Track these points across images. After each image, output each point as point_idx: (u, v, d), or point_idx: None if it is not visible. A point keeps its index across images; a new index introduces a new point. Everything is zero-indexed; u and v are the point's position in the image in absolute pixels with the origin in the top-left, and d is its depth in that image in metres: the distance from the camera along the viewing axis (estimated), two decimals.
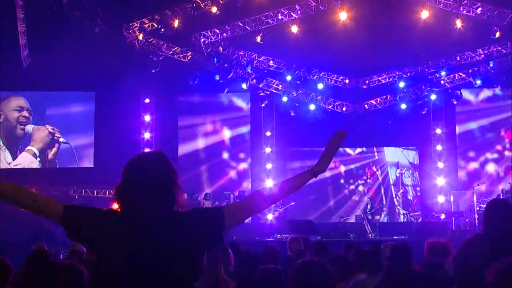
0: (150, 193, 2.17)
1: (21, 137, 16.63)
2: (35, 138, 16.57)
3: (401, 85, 16.77)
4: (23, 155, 16.48)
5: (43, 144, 16.60)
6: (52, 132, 16.66)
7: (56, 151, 16.65)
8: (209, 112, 17.74)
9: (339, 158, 17.68)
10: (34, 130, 16.58)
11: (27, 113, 16.67)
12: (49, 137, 16.63)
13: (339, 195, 17.62)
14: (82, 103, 17.17)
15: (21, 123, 16.57)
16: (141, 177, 2.22)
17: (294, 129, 17.36)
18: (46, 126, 16.67)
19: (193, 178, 17.19)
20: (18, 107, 16.65)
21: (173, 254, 2.11)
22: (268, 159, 17.63)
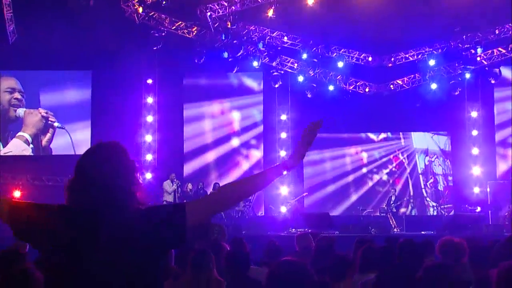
0: (105, 190, 2.17)
1: (13, 121, 16.37)
2: (27, 122, 16.27)
3: (431, 63, 16.47)
4: (14, 141, 16.20)
5: (36, 130, 16.30)
6: (46, 116, 16.34)
7: (51, 136, 16.35)
8: (217, 94, 17.58)
9: (361, 145, 17.63)
10: (25, 114, 16.27)
11: (19, 95, 16.37)
12: (43, 122, 16.34)
13: (361, 186, 17.48)
14: (78, 84, 16.90)
15: (14, 106, 16.29)
16: (95, 172, 2.20)
17: (311, 113, 16.63)
18: (39, 109, 16.36)
19: (200, 166, 17.02)
20: (9, 89, 16.34)
21: (130, 254, 2.11)
22: (283, 145, 17.47)
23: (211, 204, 2.28)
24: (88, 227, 2.14)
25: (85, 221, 2.15)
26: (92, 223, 2.14)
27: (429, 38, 16.46)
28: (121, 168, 2.21)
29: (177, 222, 2.17)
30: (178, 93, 17.43)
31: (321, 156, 17.48)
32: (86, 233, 2.13)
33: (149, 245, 2.15)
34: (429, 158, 17.37)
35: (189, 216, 2.18)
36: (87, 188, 2.18)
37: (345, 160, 17.58)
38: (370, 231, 13.21)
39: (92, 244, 2.12)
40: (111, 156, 2.22)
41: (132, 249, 2.13)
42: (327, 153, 17.50)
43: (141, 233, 2.14)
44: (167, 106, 17.42)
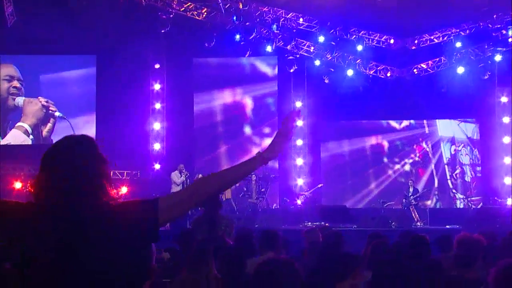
0: (73, 185, 2.18)
1: (11, 110, 16.28)
2: (27, 112, 16.17)
3: (458, 45, 16.25)
4: (13, 132, 16.12)
5: (36, 119, 16.20)
6: (46, 105, 16.22)
7: (52, 127, 16.24)
8: (228, 80, 17.46)
9: (382, 133, 17.55)
10: (25, 103, 16.15)
11: (18, 83, 16.25)
12: (43, 111, 16.23)
13: (381, 176, 17.43)
14: (81, 69, 16.78)
15: (13, 95, 16.17)
16: (63, 167, 2.19)
17: (329, 99, 17.16)
18: (39, 98, 16.25)
19: (210, 156, 16.93)
20: (8, 76, 16.22)
21: (100, 253, 2.13)
22: (299, 134, 17.34)
23: (185, 199, 2.27)
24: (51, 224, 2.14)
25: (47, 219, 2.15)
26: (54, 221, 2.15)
27: (456, 18, 16.18)
28: (87, 161, 2.22)
29: (149, 219, 2.18)
30: (187, 78, 17.31)
31: (339, 145, 17.44)
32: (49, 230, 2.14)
33: (118, 243, 2.16)
34: (456, 147, 17.27)
35: (162, 212, 2.19)
36: (51, 183, 2.18)
37: (364, 150, 17.53)
38: (391, 225, 13.04)
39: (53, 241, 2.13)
40: (75, 149, 2.23)
41: (99, 248, 2.14)
42: (345, 142, 17.48)
43: (110, 230, 2.16)
44: (176, 92, 17.33)
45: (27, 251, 2.14)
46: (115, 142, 16.05)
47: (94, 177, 2.21)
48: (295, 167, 17.26)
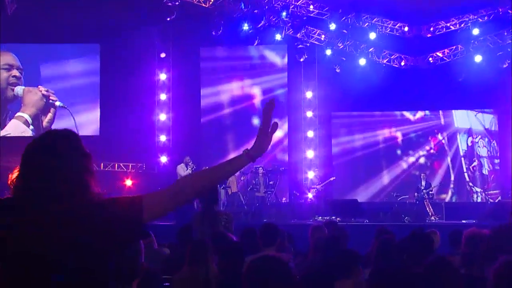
0: (55, 181, 2.18)
1: (10, 100, 16.23)
2: (26, 102, 16.09)
3: (476, 32, 16.08)
4: (12, 122, 16.07)
5: (36, 109, 16.13)
6: (46, 94, 16.14)
7: (52, 117, 16.16)
8: (236, 69, 17.38)
9: (395, 125, 17.47)
10: (24, 92, 16.08)
11: (18, 72, 16.17)
12: (43, 101, 16.15)
13: (395, 169, 17.37)
14: (84, 58, 16.68)
15: (12, 85, 16.10)
16: (43, 163, 2.20)
17: (341, 89, 17.05)
18: (39, 87, 16.17)
19: (217, 148, 16.86)
20: (7, 65, 16.12)
21: (81, 251, 2.15)
22: (309, 125, 17.41)
23: (170, 197, 2.26)
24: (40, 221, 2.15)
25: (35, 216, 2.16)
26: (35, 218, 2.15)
27: (473, 4, 16.07)
28: (70, 157, 2.22)
29: (132, 216, 2.19)
30: (194, 68, 17.25)
31: (350, 137, 17.40)
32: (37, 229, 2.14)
33: (101, 240, 2.17)
34: (473, 138, 17.17)
35: (146, 210, 2.20)
36: (30, 180, 2.19)
37: (377, 142, 17.44)
38: (404, 219, 12.92)
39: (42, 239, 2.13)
40: (57, 145, 2.23)
41: (80, 245, 2.15)
42: (357, 134, 17.43)
43: (92, 227, 2.16)
44: (182, 82, 17.27)
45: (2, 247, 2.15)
46: (119, 134, 16.08)
47: (77, 173, 2.21)
48: (306, 160, 17.20)
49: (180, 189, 2.26)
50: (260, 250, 5.22)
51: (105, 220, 2.17)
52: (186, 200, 2.28)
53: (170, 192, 2.27)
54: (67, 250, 2.12)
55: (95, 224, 2.15)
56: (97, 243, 2.15)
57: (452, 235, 5.65)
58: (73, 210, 2.16)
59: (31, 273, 2.13)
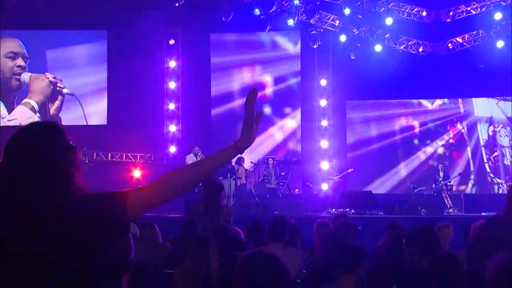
0: (38, 175, 2.19)
1: (16, 89, 16.28)
2: (33, 89, 16.13)
3: (498, 17, 15.90)
4: (19, 108, 16.13)
5: (43, 96, 16.19)
6: (54, 81, 16.18)
7: (60, 104, 16.23)
8: (247, 57, 17.33)
9: (413, 113, 17.41)
10: (31, 79, 16.12)
11: (23, 61, 16.19)
12: (50, 88, 16.20)
13: (412, 159, 17.31)
14: (90, 45, 16.70)
15: (17, 74, 16.14)
16: (25, 156, 2.21)
17: (356, 77, 16.92)
18: (46, 74, 16.21)
19: (227, 137, 16.57)
20: (11, 53, 16.16)
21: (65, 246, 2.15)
22: (323, 114, 17.38)
23: (157, 192, 2.24)
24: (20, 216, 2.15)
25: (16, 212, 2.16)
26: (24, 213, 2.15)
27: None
28: (58, 150, 2.24)
29: (117, 212, 2.19)
30: (204, 55, 17.25)
31: (366, 126, 17.36)
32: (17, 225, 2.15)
33: (85, 236, 2.17)
34: (494, 128, 17.06)
35: (132, 205, 2.20)
36: (12, 173, 2.20)
37: (394, 131, 17.41)
38: (420, 212, 12.86)
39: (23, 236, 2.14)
40: (47, 137, 2.24)
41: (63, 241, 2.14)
42: (373, 123, 17.39)
43: (76, 223, 2.16)
44: (192, 70, 17.25)
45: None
46: (127, 123, 16.11)
47: (61, 166, 2.22)
48: (319, 150, 17.13)
49: (168, 184, 2.25)
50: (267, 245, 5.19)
51: (89, 215, 2.17)
52: (174, 194, 2.26)
53: (157, 186, 2.25)
54: (50, 246, 2.12)
55: (79, 219, 2.15)
56: (81, 239, 2.15)
57: (466, 228, 5.58)
58: (57, 205, 2.16)
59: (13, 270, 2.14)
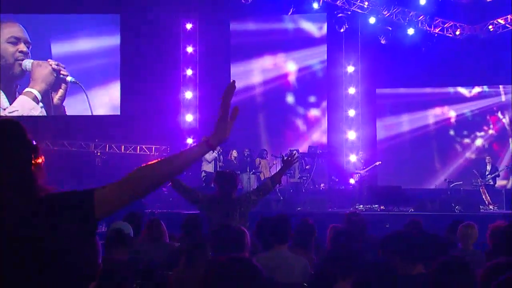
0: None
1: (19, 76, 16.31)
2: (36, 76, 16.16)
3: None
4: (21, 98, 16.19)
5: (46, 85, 16.25)
6: (57, 68, 16.22)
7: (63, 93, 16.30)
8: (269, 41, 17.37)
9: (448, 102, 17.32)
10: (33, 66, 16.13)
11: (25, 47, 16.19)
12: (53, 75, 16.25)
13: (447, 152, 17.28)
14: (102, 30, 16.75)
15: (19, 60, 16.15)
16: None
17: (386, 63, 16.89)
18: (49, 61, 16.24)
19: (248, 128, 16.79)
20: (13, 38, 16.14)
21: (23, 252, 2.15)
22: (351, 103, 17.33)
23: (125, 190, 2.24)
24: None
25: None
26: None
27: None
28: (12, 149, 2.22)
29: (84, 212, 2.20)
30: (223, 40, 17.32)
31: (397, 116, 17.32)
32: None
33: (48, 239, 2.15)
34: None
35: (98, 205, 2.21)
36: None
37: (427, 121, 17.43)
38: (454, 208, 12.68)
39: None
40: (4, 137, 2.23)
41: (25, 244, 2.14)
42: (405, 113, 17.36)
43: (39, 225, 2.15)
44: (210, 56, 17.32)
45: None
46: (142, 113, 16.18)
47: (21, 167, 2.22)
48: (347, 142, 17.06)
49: (136, 181, 2.25)
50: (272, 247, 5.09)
51: (52, 217, 2.16)
52: (144, 193, 2.28)
53: (124, 184, 2.26)
54: (10, 250, 2.13)
55: (42, 221, 2.15)
56: (45, 242, 2.15)
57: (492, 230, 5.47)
58: (16, 207, 2.16)
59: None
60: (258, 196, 6.17)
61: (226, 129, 2.37)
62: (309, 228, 5.60)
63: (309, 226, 5.64)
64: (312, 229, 5.62)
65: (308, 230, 5.58)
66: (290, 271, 4.69)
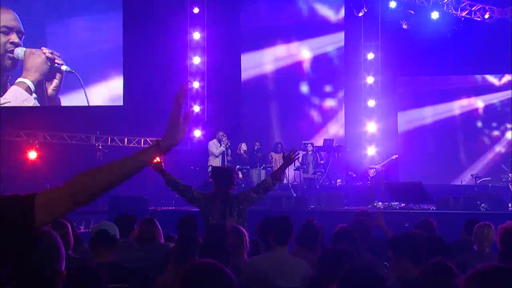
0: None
1: (10, 68, 16.22)
2: (29, 66, 16.01)
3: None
4: (13, 89, 16.07)
5: (40, 74, 16.11)
6: (51, 57, 16.05)
7: (58, 83, 16.15)
8: (281, 26, 17.30)
9: (475, 91, 17.28)
10: (26, 55, 15.99)
11: (17, 38, 16.02)
12: (47, 64, 16.10)
13: (474, 145, 17.20)
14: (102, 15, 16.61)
15: (9, 51, 16.01)
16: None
17: (408, 49, 16.82)
18: (42, 48, 16.11)
19: (259, 121, 16.87)
20: (5, 28, 15.95)
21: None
22: (370, 93, 17.26)
23: (67, 197, 2.22)
24: None
25: None
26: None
27: None
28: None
29: (22, 219, 2.18)
30: (232, 26, 17.26)
31: (420, 106, 17.28)
32: None
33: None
34: None
35: (40, 212, 2.19)
36: None
37: (453, 112, 17.32)
38: (480, 207, 12.53)
39: None
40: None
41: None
42: (428, 103, 17.27)
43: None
44: (219, 43, 17.23)
45: None
46: (146, 104, 16.14)
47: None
48: (366, 134, 16.98)
49: (78, 188, 2.23)
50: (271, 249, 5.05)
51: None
52: (86, 200, 2.25)
53: (65, 191, 2.24)
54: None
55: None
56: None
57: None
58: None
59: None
60: (258, 194, 6.13)
61: (178, 133, 2.41)
62: (313, 229, 5.57)
63: (313, 227, 5.60)
64: (316, 230, 5.59)
65: (312, 231, 5.55)
66: (289, 275, 4.68)
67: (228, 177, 6.18)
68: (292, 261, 4.80)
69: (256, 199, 6.17)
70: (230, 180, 6.18)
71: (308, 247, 5.40)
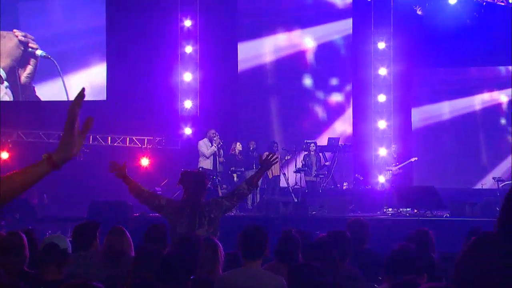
0: None
1: None
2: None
3: None
4: None
5: (11, 60, 16.10)
6: (24, 40, 16.01)
7: (33, 70, 16.13)
8: (282, 12, 17.45)
9: (499, 85, 17.28)
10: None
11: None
12: (20, 49, 16.07)
13: (497, 144, 17.24)
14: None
15: None
16: None
17: (423, 38, 16.92)
18: (14, 31, 16.03)
19: (257, 117, 16.98)
20: None
21: None
22: (381, 86, 17.29)
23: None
24: None
25: None
26: None
27: None
28: None
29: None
30: (228, 12, 17.34)
31: (436, 102, 17.34)
32: None
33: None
34: None
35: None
36: None
37: (473, 108, 17.32)
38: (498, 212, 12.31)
39: None
40: None
41: None
42: (445, 98, 17.29)
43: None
44: (213, 31, 17.23)
45: None
46: (132, 99, 16.12)
47: None
48: (376, 132, 16.96)
49: None
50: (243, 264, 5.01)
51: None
52: None
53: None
54: None
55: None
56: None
57: None
58: None
59: None
60: (231, 202, 6.07)
61: (73, 144, 2.33)
62: (292, 241, 5.51)
63: (292, 239, 5.55)
64: (296, 242, 5.53)
65: (291, 243, 5.49)
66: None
67: (199, 183, 6.10)
68: (266, 277, 4.73)
69: (229, 207, 6.09)
70: (201, 187, 6.10)
71: (288, 260, 5.33)
